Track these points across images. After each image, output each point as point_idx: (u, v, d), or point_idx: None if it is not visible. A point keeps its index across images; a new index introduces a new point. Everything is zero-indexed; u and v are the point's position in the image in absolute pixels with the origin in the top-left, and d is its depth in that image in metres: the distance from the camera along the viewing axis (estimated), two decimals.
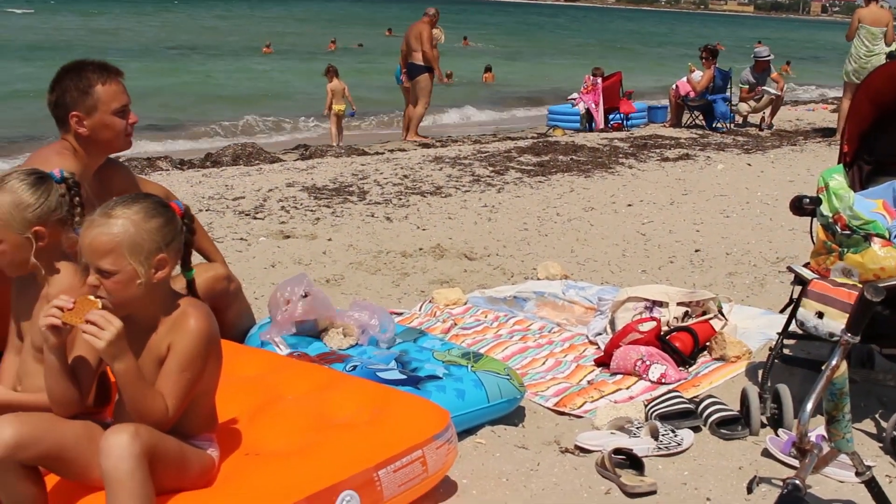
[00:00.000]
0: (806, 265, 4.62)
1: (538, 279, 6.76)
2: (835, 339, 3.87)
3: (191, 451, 3.08)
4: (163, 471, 2.91)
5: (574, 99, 17.73)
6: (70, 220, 3.28)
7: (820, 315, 4.13)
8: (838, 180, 4.56)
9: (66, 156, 4.23)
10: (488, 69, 31.35)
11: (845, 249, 4.34)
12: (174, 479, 3.01)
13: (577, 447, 4.17)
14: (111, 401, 3.26)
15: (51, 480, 3.09)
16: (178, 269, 3.16)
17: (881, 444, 4.25)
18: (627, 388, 4.83)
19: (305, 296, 4.77)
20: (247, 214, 8.79)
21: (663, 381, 4.87)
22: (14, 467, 2.90)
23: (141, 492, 2.78)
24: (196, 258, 5.33)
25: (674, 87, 17.06)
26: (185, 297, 3.11)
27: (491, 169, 11.74)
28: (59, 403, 2.99)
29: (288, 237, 7.96)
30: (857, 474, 3.44)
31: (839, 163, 4.87)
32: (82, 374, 3.05)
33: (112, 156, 4.55)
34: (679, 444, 4.14)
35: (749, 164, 12.75)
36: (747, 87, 17.04)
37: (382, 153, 13.89)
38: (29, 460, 2.92)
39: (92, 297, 2.89)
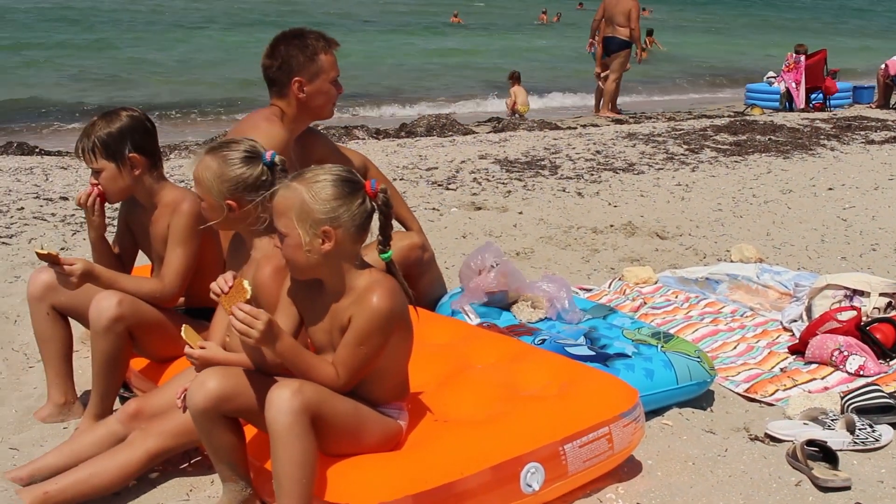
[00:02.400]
0: None
1: (731, 261, 6.60)
2: None
3: (372, 416, 3.15)
4: (334, 432, 3.02)
5: (773, 77, 17.14)
6: (266, 198, 3.41)
7: None
8: None
9: (274, 122, 4.39)
10: (650, 33, 30.80)
11: None
12: (350, 442, 3.10)
13: (767, 435, 4.07)
14: None
15: (249, 432, 3.25)
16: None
17: None
18: (822, 379, 4.67)
19: (496, 267, 4.81)
20: (439, 185, 8.91)
21: (861, 373, 4.69)
22: (216, 417, 3.08)
23: (298, 445, 2.88)
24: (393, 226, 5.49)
25: (883, 66, 16.27)
26: (375, 271, 3.15)
27: (685, 147, 11.52)
28: (257, 362, 3.14)
29: (479, 209, 8.03)
30: None
31: None
32: None
33: (312, 124, 4.71)
34: (877, 440, 3.99)
35: None
36: None
37: (575, 128, 13.82)
38: (230, 412, 3.09)
39: (245, 284, 3.02)
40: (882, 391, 4.32)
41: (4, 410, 4.19)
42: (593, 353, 4.21)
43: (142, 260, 4.27)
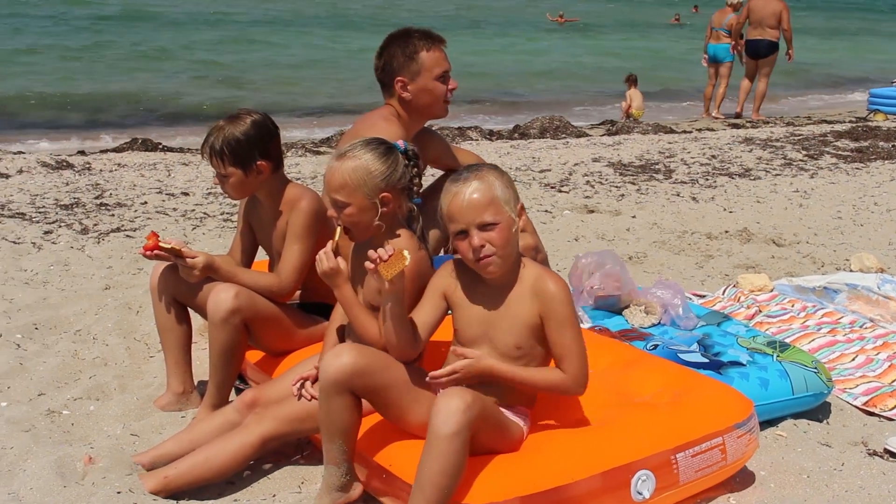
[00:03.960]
0: None
1: (851, 271, 6.43)
2: None
3: (508, 420, 3.22)
4: (484, 431, 3.05)
5: None
6: (409, 189, 3.45)
7: None
8: None
9: (391, 121, 4.44)
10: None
11: None
12: (491, 440, 3.14)
13: (886, 451, 3.96)
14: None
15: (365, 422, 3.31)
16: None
17: None
18: None
19: (609, 270, 4.78)
20: (552, 187, 8.89)
21: None
22: (342, 392, 3.13)
23: (454, 459, 2.91)
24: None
25: None
26: (528, 260, 3.30)
27: (804, 153, 11.27)
28: (395, 347, 3.19)
29: (592, 212, 7.99)
30: None
31: None
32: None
33: (427, 125, 4.74)
34: None
35: None
36: None
37: (690, 132, 13.63)
38: (357, 389, 3.14)
39: (405, 253, 3.06)
40: None
41: (126, 398, 4.33)
42: (707, 361, 4.15)
43: (261, 255, 4.37)
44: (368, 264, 3.07)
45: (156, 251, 3.87)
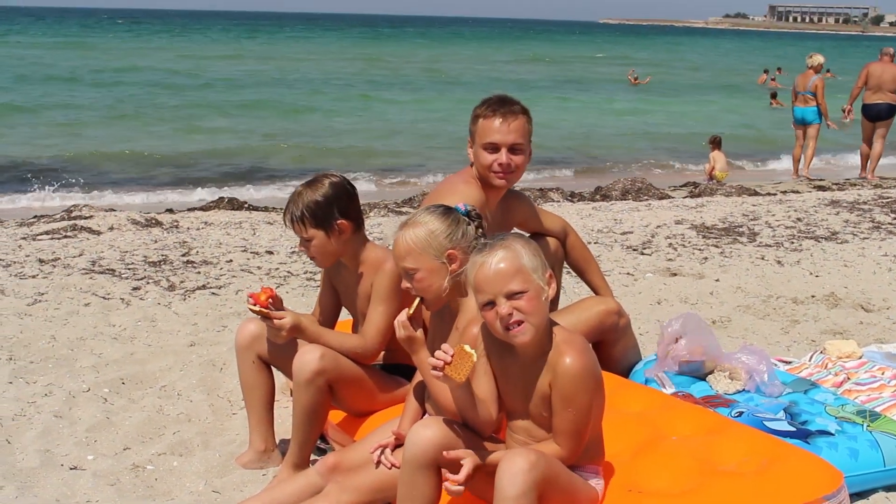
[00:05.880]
0: None
1: None
2: None
3: (578, 480, 3.17)
4: (553, 493, 3.01)
5: None
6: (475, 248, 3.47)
7: None
8: None
9: (471, 184, 4.47)
10: (773, 96, 30.25)
11: None
12: (563, 503, 3.10)
13: None
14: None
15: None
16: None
17: None
18: None
19: (694, 335, 4.72)
20: (634, 249, 8.84)
21: None
22: (428, 467, 3.14)
23: None
24: (585, 290, 5.48)
25: None
26: (560, 329, 3.19)
27: (893, 216, 11.04)
28: (473, 423, 3.21)
29: (675, 275, 7.92)
30: None
31: None
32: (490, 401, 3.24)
33: (514, 187, 4.75)
34: None
35: None
36: None
37: (775, 194, 13.48)
38: (442, 464, 3.13)
39: (467, 348, 3.06)
40: None
41: (209, 454, 4.37)
42: (794, 429, 4.06)
43: (343, 314, 4.41)
44: (436, 373, 3.07)
45: (259, 308, 3.93)
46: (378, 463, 3.55)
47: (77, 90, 30.45)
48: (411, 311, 3.37)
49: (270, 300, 3.94)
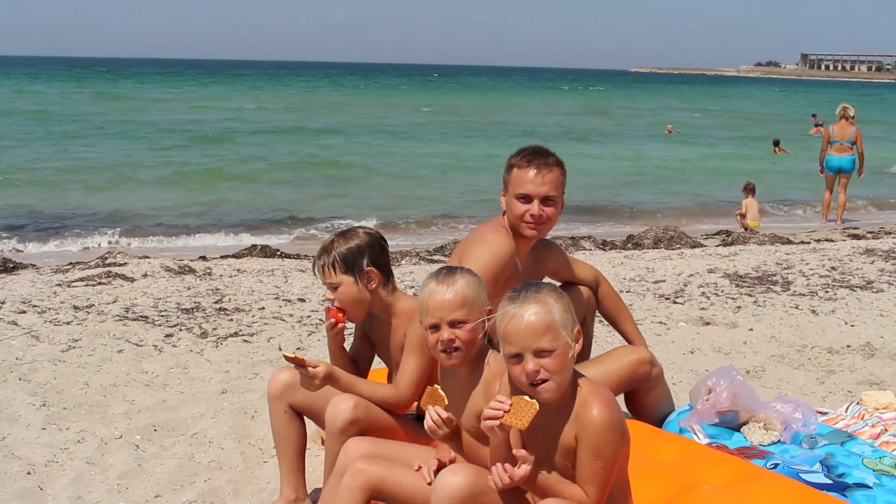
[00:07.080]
0: None
1: None
2: None
3: None
4: None
5: None
6: None
7: None
8: None
9: (500, 233, 4.48)
10: (776, 143, 30.13)
11: None
12: None
13: None
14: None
15: None
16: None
17: None
18: None
19: (729, 385, 4.68)
20: (667, 298, 8.79)
21: None
22: None
23: None
24: (618, 339, 5.45)
25: None
26: (586, 381, 3.18)
27: None
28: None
29: (708, 324, 7.86)
30: None
31: None
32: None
33: (547, 237, 4.74)
34: None
35: None
36: None
37: (808, 242, 13.39)
38: None
39: (527, 398, 3.04)
40: None
41: (239, 502, 4.37)
42: (830, 482, 4.00)
43: (376, 363, 4.40)
44: (491, 422, 3.03)
45: (337, 325, 4.03)
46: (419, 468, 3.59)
47: (125, 143, 30.57)
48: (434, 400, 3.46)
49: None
